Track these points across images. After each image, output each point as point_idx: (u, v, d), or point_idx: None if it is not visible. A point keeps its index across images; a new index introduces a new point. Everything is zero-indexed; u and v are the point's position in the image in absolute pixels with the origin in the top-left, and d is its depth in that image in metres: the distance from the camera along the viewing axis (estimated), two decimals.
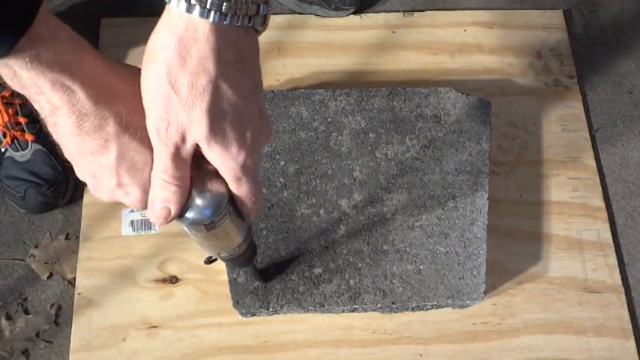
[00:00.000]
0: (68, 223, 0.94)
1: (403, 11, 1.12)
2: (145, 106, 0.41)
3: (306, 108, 0.93)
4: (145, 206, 0.45)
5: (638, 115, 1.07)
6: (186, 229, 0.47)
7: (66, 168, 0.91)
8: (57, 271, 0.91)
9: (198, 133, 0.40)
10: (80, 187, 0.94)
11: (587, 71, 1.09)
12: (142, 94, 0.41)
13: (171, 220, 0.45)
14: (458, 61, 1.07)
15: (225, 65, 0.38)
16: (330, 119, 0.92)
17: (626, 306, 0.92)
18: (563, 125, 1.03)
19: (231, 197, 0.46)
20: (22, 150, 0.90)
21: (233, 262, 0.63)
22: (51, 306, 0.89)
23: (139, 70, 0.42)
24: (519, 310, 0.90)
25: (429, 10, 1.13)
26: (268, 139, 0.45)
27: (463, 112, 0.93)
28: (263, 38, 0.43)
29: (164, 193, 0.43)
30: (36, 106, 0.40)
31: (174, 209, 0.44)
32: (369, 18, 1.11)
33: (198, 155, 0.43)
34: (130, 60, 1.03)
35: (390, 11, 1.12)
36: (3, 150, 0.92)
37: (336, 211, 0.87)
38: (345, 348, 0.87)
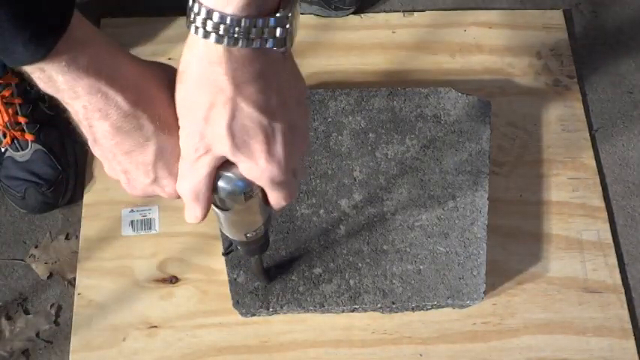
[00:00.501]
0: (68, 223, 0.94)
1: (403, 11, 1.12)
2: (178, 117, 0.43)
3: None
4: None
5: (638, 115, 1.07)
6: (225, 199, 0.48)
7: (66, 168, 0.91)
8: (57, 271, 0.91)
9: (222, 147, 0.41)
10: (80, 187, 0.94)
11: (587, 71, 1.09)
12: (176, 107, 0.43)
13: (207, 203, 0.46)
14: (458, 61, 1.07)
15: (243, 85, 0.39)
16: (330, 119, 0.92)
17: (626, 306, 0.92)
18: (563, 125, 1.03)
19: None
20: (22, 150, 0.90)
21: (251, 248, 0.65)
22: (51, 306, 0.89)
23: (171, 68, 0.44)
24: (519, 310, 0.90)
25: (429, 10, 1.13)
26: (303, 151, 0.47)
27: (463, 112, 0.93)
28: None
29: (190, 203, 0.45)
30: (69, 108, 0.41)
31: (201, 210, 0.46)
32: (369, 18, 1.11)
33: None
34: None
35: (390, 11, 1.12)
36: (3, 150, 0.92)
37: (336, 211, 0.87)
38: (345, 348, 0.86)
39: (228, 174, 0.45)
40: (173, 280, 0.89)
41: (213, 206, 0.49)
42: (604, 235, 0.96)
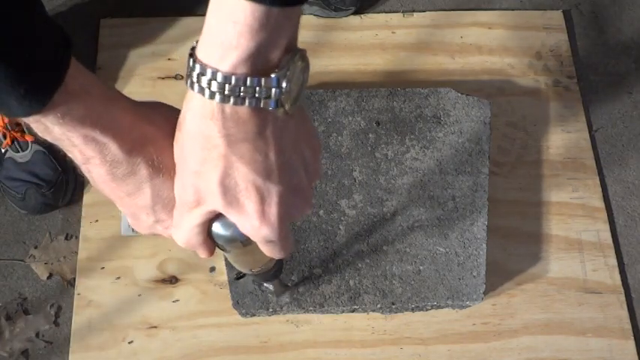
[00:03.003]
0: (68, 224, 0.94)
1: (403, 12, 1.12)
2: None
3: (305, 108, 0.93)
4: None
5: (638, 115, 1.07)
6: (222, 245, 0.47)
7: (66, 169, 0.91)
8: (57, 271, 0.91)
9: (214, 202, 0.41)
10: (80, 187, 0.94)
11: (587, 71, 1.09)
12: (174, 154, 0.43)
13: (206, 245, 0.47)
14: (458, 61, 1.07)
15: (238, 143, 0.39)
16: (329, 119, 0.92)
17: (625, 306, 0.92)
18: (563, 125, 1.04)
19: None
20: (22, 151, 0.90)
21: (262, 277, 0.64)
22: (51, 306, 0.89)
23: (165, 105, 0.44)
24: (519, 310, 0.90)
25: (429, 10, 1.13)
26: (303, 213, 0.46)
27: (463, 113, 0.93)
28: None
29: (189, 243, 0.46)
30: (69, 154, 0.41)
31: (202, 253, 0.47)
32: (369, 18, 1.11)
33: None
34: (130, 60, 1.03)
35: (390, 12, 1.12)
36: (3, 151, 0.92)
37: (335, 212, 0.87)
38: (345, 348, 0.87)
39: (225, 221, 0.44)
40: (173, 280, 0.89)
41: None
42: (604, 236, 0.96)
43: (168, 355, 0.85)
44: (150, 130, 0.42)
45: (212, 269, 0.90)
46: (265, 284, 0.78)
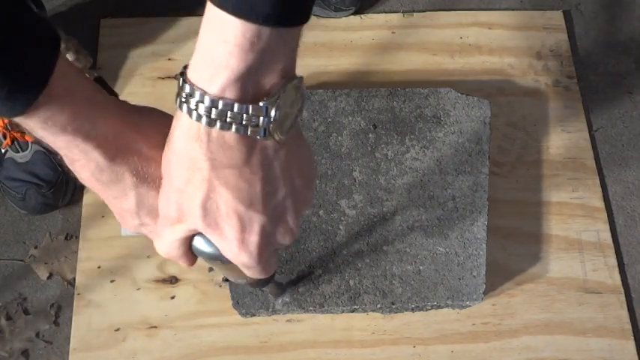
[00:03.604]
0: (68, 224, 0.94)
1: (403, 12, 1.12)
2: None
3: (305, 108, 0.93)
4: None
5: (638, 115, 1.07)
6: (204, 260, 0.47)
7: (66, 169, 0.91)
8: (57, 271, 0.91)
9: (194, 222, 0.41)
10: (80, 187, 0.94)
11: (587, 71, 1.09)
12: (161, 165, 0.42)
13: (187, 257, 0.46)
14: (458, 61, 1.07)
15: (222, 169, 0.38)
16: (329, 120, 0.92)
17: (625, 306, 0.92)
18: (563, 125, 1.04)
19: None
20: (23, 151, 0.90)
21: (253, 285, 0.64)
22: (51, 306, 0.89)
23: (157, 113, 0.43)
24: (519, 310, 0.90)
25: (428, 10, 1.13)
26: (285, 243, 0.44)
27: (463, 113, 0.93)
28: None
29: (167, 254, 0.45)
30: (59, 152, 0.41)
31: (183, 264, 0.46)
32: (369, 18, 1.11)
33: None
34: (130, 60, 1.03)
35: (390, 12, 1.12)
36: (3, 151, 0.92)
37: (335, 212, 0.87)
38: (345, 348, 0.87)
39: (207, 238, 0.43)
40: (173, 280, 0.89)
41: None
42: (604, 236, 0.96)
43: (168, 355, 0.85)
44: (137, 139, 0.41)
45: (212, 269, 0.90)
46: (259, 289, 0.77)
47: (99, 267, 0.90)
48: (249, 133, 0.37)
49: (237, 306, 0.82)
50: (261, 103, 0.36)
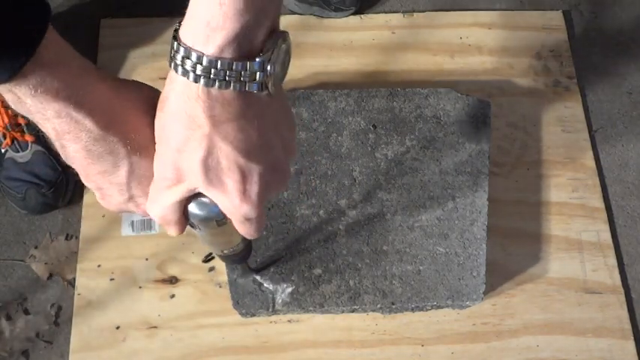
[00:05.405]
0: (68, 224, 0.94)
1: (403, 12, 1.12)
2: (155, 141, 0.42)
3: (305, 108, 0.93)
4: None
5: (637, 116, 1.07)
6: (197, 224, 0.48)
7: (66, 169, 0.91)
8: (57, 271, 0.91)
9: (195, 181, 0.41)
10: (80, 187, 0.94)
11: (587, 71, 1.10)
12: (155, 132, 0.42)
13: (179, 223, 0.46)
14: (457, 61, 1.07)
15: (222, 124, 0.39)
16: (329, 120, 0.92)
17: (625, 307, 0.92)
18: (562, 126, 1.04)
19: None
20: (22, 151, 0.90)
21: (230, 260, 0.66)
22: (51, 306, 0.89)
23: (145, 85, 0.44)
24: (519, 310, 0.90)
25: (428, 10, 1.13)
26: (279, 191, 0.46)
27: (463, 113, 0.94)
28: None
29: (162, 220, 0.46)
30: (42, 129, 0.40)
31: (174, 231, 0.46)
32: (369, 18, 1.11)
33: None
34: (130, 60, 1.03)
35: (390, 12, 1.12)
36: (3, 151, 0.92)
37: (335, 212, 0.87)
38: (345, 348, 0.87)
39: (201, 200, 0.44)
40: (173, 280, 0.89)
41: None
42: (604, 236, 0.96)
43: (168, 355, 0.85)
44: (126, 108, 0.42)
45: (212, 269, 0.90)
46: (233, 265, 0.78)
47: (99, 267, 0.90)
48: (246, 88, 0.38)
49: (238, 306, 0.82)
50: (257, 59, 0.38)
